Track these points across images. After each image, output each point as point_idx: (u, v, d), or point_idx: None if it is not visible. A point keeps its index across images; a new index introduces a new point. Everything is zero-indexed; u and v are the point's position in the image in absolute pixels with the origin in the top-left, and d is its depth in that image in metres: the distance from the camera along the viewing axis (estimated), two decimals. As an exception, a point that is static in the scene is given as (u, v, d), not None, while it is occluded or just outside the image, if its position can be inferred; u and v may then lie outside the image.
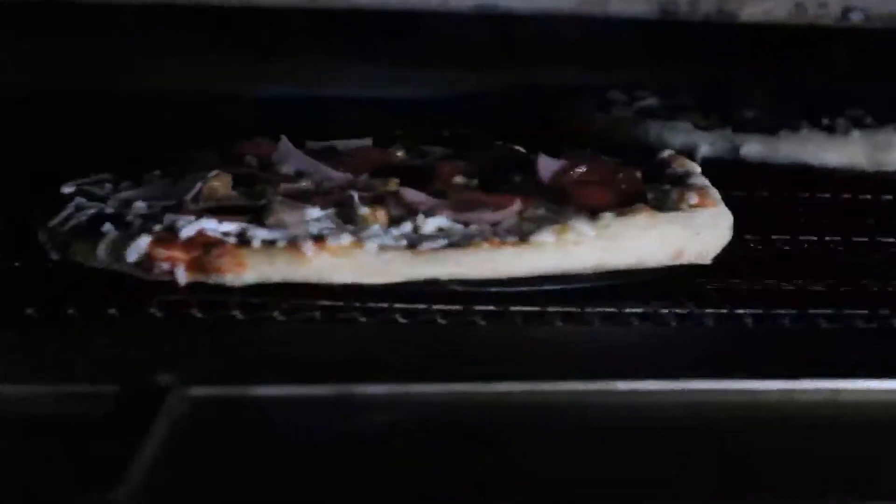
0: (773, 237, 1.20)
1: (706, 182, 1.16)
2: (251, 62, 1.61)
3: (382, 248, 0.98)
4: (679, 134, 1.52)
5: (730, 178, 1.34)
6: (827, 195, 1.37)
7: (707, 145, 1.50)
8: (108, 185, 1.15)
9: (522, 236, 1.00)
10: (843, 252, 1.18)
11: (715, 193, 1.13)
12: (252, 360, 0.90)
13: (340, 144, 1.29)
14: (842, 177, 1.42)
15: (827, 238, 1.20)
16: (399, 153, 1.28)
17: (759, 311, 0.99)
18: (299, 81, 1.70)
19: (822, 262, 1.16)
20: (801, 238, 1.20)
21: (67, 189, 1.12)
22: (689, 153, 1.47)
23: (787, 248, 1.18)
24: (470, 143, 1.33)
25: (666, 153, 1.24)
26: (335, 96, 1.69)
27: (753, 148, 1.48)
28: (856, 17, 0.77)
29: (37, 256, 1.06)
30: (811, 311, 0.99)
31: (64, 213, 1.08)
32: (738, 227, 1.13)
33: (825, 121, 1.52)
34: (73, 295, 0.98)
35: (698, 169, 1.21)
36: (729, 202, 1.15)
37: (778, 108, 1.59)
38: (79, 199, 1.10)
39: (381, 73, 1.69)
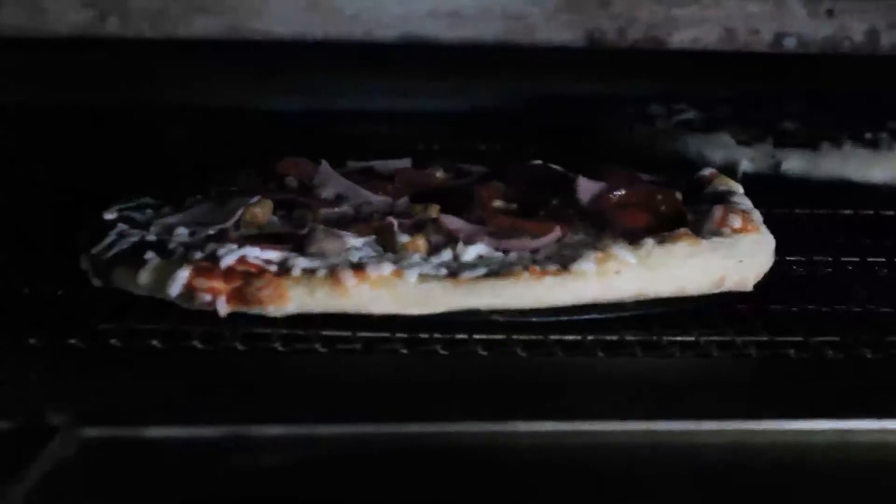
0: (816, 258, 1.18)
1: (749, 204, 1.16)
2: (280, 78, 1.61)
3: (423, 277, 0.98)
4: (720, 149, 1.51)
5: (771, 194, 1.34)
6: (870, 212, 1.36)
7: (748, 161, 1.49)
8: (150, 211, 1.15)
9: (563, 264, 0.99)
10: (887, 274, 1.17)
11: (758, 216, 1.13)
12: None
13: (380, 164, 1.29)
14: (884, 193, 1.41)
15: (870, 259, 1.19)
16: (438, 173, 1.28)
17: (801, 340, 0.98)
18: (328, 96, 1.70)
19: (864, 284, 1.14)
20: (844, 259, 1.18)
21: (109, 215, 1.13)
22: (731, 168, 1.47)
23: (829, 269, 1.17)
24: (507, 160, 1.33)
25: (707, 171, 1.24)
26: (371, 110, 1.69)
27: (795, 163, 1.46)
28: (789, 43, 0.77)
29: (80, 283, 1.07)
30: (853, 339, 0.97)
31: (107, 241, 1.08)
32: (779, 247, 1.12)
33: (868, 135, 1.50)
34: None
35: (740, 189, 1.20)
36: (770, 220, 1.15)
37: (818, 120, 1.58)
38: (121, 226, 1.10)
39: (413, 86, 1.69)
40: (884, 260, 1.19)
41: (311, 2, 0.78)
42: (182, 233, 1.08)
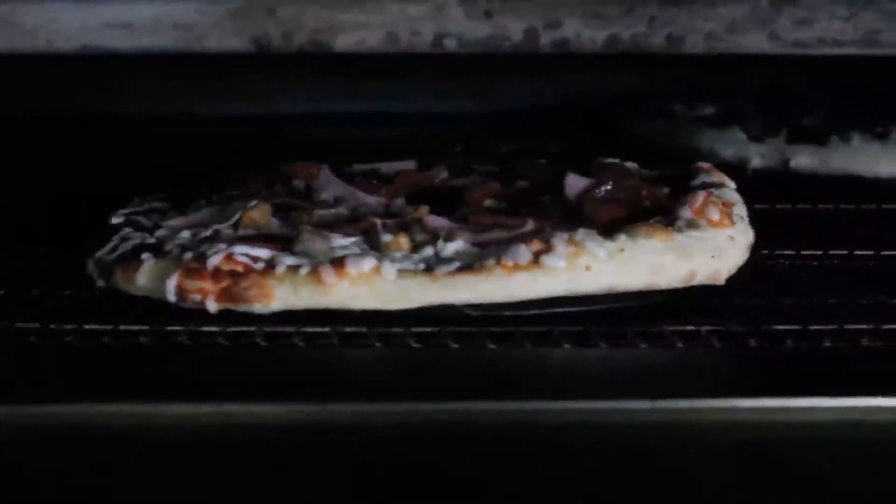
0: (804, 252, 1.20)
1: (735, 196, 1.18)
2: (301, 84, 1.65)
3: (401, 273, 1.02)
4: (731, 144, 1.53)
5: (780, 190, 1.36)
6: (872, 206, 1.37)
7: (758, 156, 1.51)
8: (156, 215, 1.20)
9: (535, 258, 1.02)
10: (873, 266, 1.19)
11: (740, 209, 1.15)
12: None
13: (385, 166, 1.33)
14: (891, 187, 1.42)
15: (857, 252, 1.20)
16: (443, 174, 1.31)
17: (764, 330, 1.00)
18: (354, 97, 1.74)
19: (852, 276, 1.16)
20: (832, 253, 1.20)
21: (116, 219, 1.18)
22: (741, 164, 1.49)
23: (815, 263, 1.19)
24: (518, 160, 1.36)
25: (702, 164, 1.25)
26: (390, 111, 1.72)
27: (804, 159, 1.48)
28: (449, 44, 0.80)
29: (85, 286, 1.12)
30: (812, 327, 0.99)
31: (111, 244, 1.13)
32: (771, 242, 1.15)
33: (878, 129, 1.51)
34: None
35: (732, 183, 1.22)
36: (772, 216, 1.17)
37: (833, 115, 1.59)
38: (126, 230, 1.16)
39: (434, 87, 1.72)
40: (871, 253, 1.20)
41: (-6, 18, 0.82)
42: (185, 235, 1.13)
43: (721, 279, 1.06)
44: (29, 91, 1.38)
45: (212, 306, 1.03)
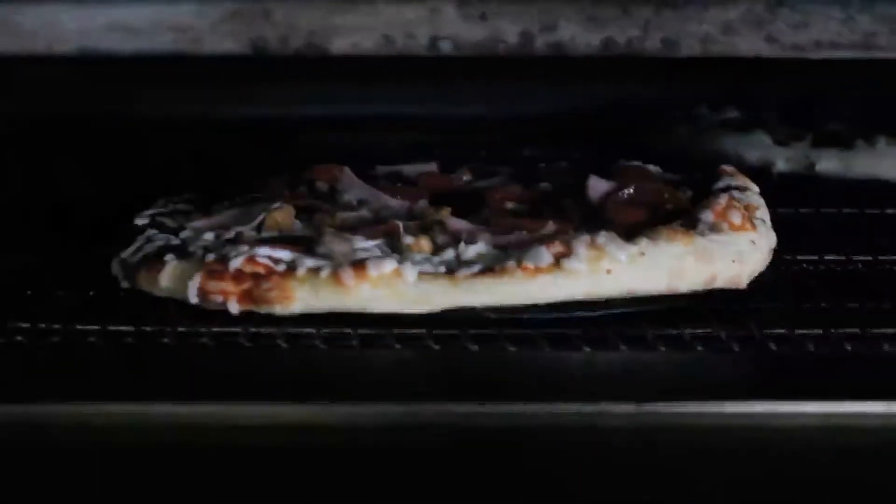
0: (827, 257, 1.20)
1: (758, 200, 1.17)
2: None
3: (422, 276, 1.02)
4: (756, 148, 1.53)
5: (804, 194, 1.36)
6: (896, 211, 1.37)
7: (783, 160, 1.50)
8: (181, 216, 1.21)
9: (556, 260, 1.02)
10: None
11: (762, 213, 1.14)
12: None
13: (408, 169, 1.34)
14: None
15: (881, 257, 1.20)
16: (466, 177, 1.32)
17: (784, 333, 0.99)
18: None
19: (876, 281, 1.16)
20: (855, 257, 1.20)
21: (141, 220, 1.19)
22: (766, 168, 1.49)
23: (838, 268, 1.18)
24: (538, 162, 1.37)
25: (725, 168, 1.25)
26: (417, 115, 1.72)
27: (828, 163, 1.48)
28: (445, 47, 0.80)
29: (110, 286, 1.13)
30: (834, 332, 0.99)
31: (135, 245, 1.14)
32: (794, 246, 1.15)
33: (906, 132, 1.51)
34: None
35: (755, 187, 1.22)
36: (794, 219, 1.16)
37: (859, 119, 1.58)
38: (151, 231, 1.16)
39: (460, 91, 1.72)
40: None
41: (-4, 21, 0.82)
42: (209, 237, 1.14)
43: (742, 283, 1.06)
44: (28, 92, 1.39)
45: (233, 308, 1.04)
